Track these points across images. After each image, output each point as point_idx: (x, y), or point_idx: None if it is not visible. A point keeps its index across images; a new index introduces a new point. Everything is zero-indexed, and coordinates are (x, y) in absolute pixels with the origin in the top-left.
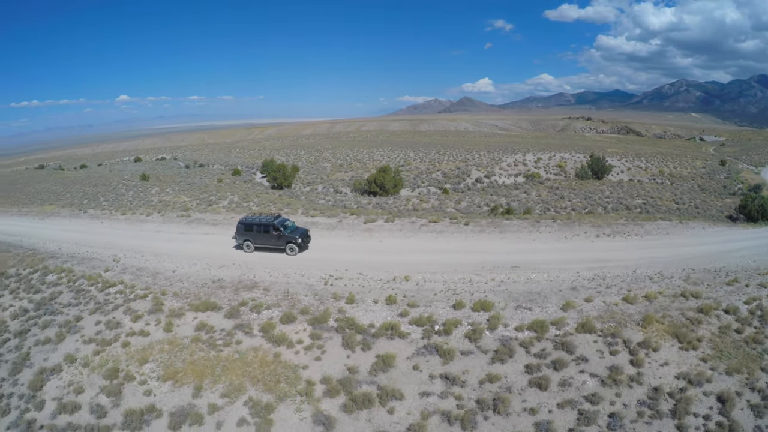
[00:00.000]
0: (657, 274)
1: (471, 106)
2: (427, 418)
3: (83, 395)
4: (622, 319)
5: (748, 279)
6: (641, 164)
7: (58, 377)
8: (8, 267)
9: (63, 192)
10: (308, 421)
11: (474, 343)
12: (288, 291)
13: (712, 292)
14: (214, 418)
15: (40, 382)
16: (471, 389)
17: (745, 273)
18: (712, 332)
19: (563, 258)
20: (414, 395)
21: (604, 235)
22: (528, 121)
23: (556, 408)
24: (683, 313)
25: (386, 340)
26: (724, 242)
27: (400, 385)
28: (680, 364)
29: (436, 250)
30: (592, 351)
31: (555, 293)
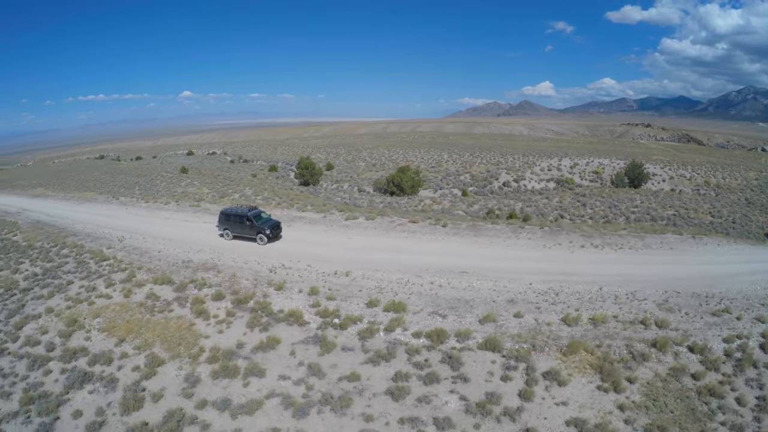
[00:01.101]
0: (628, 294)
1: (530, 109)
2: (269, 398)
3: (45, 335)
4: (544, 342)
5: (744, 310)
6: (686, 173)
7: (36, 322)
8: (36, 241)
9: (107, 181)
10: (181, 377)
11: (361, 341)
12: (235, 274)
13: (686, 323)
14: (119, 362)
15: (22, 324)
16: (326, 383)
17: (745, 302)
18: (656, 373)
19: (524, 267)
20: (274, 376)
21: (591, 246)
22: (585, 127)
23: (395, 422)
24: (630, 344)
25: (285, 325)
26: (738, 263)
27: (269, 365)
28: (584, 407)
29: (396, 249)
30: (481, 372)
31: (485, 303)
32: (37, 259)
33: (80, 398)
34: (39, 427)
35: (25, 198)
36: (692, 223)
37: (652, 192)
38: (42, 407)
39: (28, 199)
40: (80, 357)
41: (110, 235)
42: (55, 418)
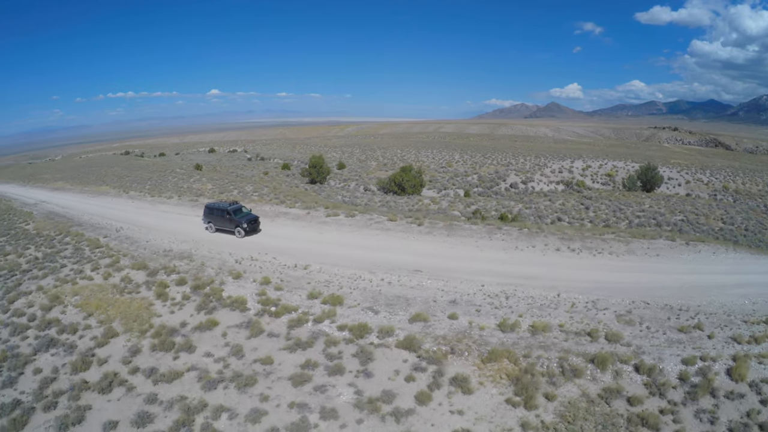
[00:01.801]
0: (588, 302)
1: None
2: (188, 371)
3: (31, 308)
4: (467, 346)
5: (721, 327)
6: (704, 177)
7: (26, 297)
8: (45, 230)
9: (124, 176)
10: (126, 348)
11: (288, 329)
12: (203, 263)
13: (643, 338)
14: (82, 333)
15: (14, 299)
16: (242, 363)
17: (724, 318)
18: (584, 392)
19: (484, 268)
20: (201, 353)
21: (567, 249)
22: (611, 129)
23: (285, 405)
24: (564, 357)
25: (228, 310)
26: (731, 273)
27: (199, 344)
28: (481, 420)
29: (362, 246)
30: (388, 369)
31: (425, 303)
32: (41, 245)
33: (43, 359)
34: (6, 379)
35: (46, 191)
36: (700, 230)
37: (664, 196)
38: (12, 364)
39: (47, 192)
40: (53, 327)
41: (110, 226)
42: (20, 373)
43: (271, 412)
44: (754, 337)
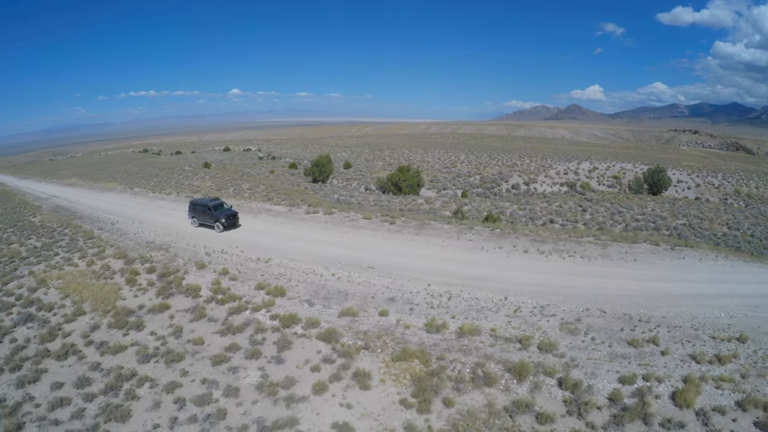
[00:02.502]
0: (535, 307)
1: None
2: (131, 346)
3: (20, 290)
4: (383, 343)
5: (681, 343)
6: (715, 181)
7: (18, 280)
8: (49, 222)
9: (134, 173)
10: (89, 324)
11: (227, 316)
12: (176, 254)
13: (582, 350)
14: (56, 311)
15: (7, 281)
16: (177, 342)
17: (689, 332)
18: (489, 403)
19: (438, 267)
20: (147, 332)
21: (536, 251)
22: (631, 132)
23: (199, 380)
24: (481, 364)
25: (183, 296)
26: (714, 282)
27: (148, 324)
28: (366, 416)
29: (328, 242)
30: (300, 358)
31: (362, 298)
32: (42, 236)
33: (20, 331)
34: None
35: (59, 186)
36: (702, 235)
37: (670, 199)
38: None
39: (60, 187)
40: (34, 305)
41: (107, 219)
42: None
43: (185, 386)
44: (719, 356)
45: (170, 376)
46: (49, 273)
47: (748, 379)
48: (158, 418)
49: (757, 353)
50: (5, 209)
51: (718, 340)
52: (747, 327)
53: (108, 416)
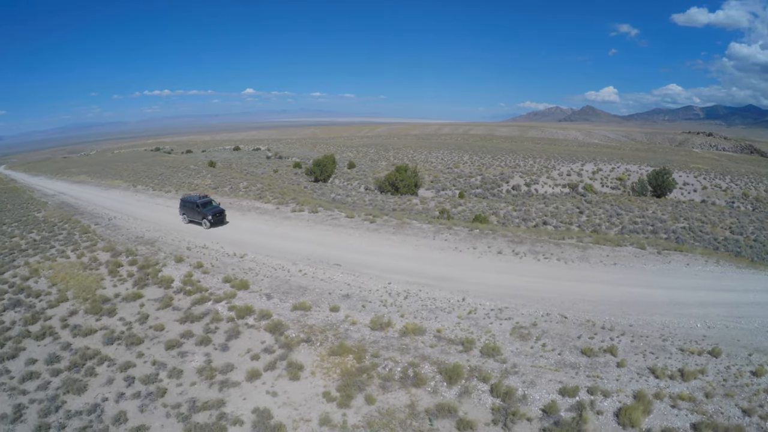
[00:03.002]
0: (492, 310)
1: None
2: (100, 330)
3: (14, 278)
4: (324, 338)
5: (643, 354)
6: (722, 184)
7: (14, 270)
8: (51, 218)
9: (141, 171)
10: (69, 310)
11: (191, 305)
12: (160, 249)
13: (528, 357)
14: (42, 297)
15: (4, 271)
16: (141, 327)
17: (655, 343)
18: (411, 404)
19: (403, 266)
20: (117, 318)
21: (510, 252)
22: (644, 134)
23: (150, 362)
24: (414, 364)
25: (156, 287)
26: (695, 289)
27: (120, 311)
28: (287, 405)
29: (305, 240)
30: (244, 346)
31: (320, 294)
32: (43, 230)
33: (8, 315)
34: None
35: (67, 183)
36: (701, 239)
37: (673, 202)
38: None
39: (68, 185)
40: (24, 292)
41: (106, 215)
42: None
43: (137, 366)
44: (683, 371)
45: (127, 357)
46: (42, 264)
47: (712, 399)
48: (108, 392)
49: (729, 369)
50: (13, 205)
51: (687, 353)
52: (724, 339)
53: (67, 389)
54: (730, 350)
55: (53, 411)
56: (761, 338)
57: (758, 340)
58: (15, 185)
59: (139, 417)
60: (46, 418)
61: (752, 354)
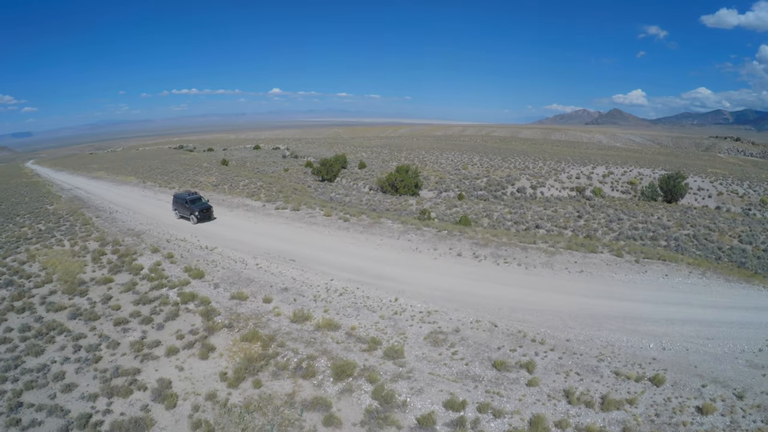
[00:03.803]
0: (420, 312)
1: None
2: (68, 308)
3: (12, 262)
4: (245, 325)
5: (565, 374)
6: (740, 190)
7: (15, 255)
8: (60, 210)
9: (156, 168)
10: (51, 290)
11: (149, 290)
12: (143, 240)
13: (430, 364)
14: (32, 279)
15: (6, 255)
16: (102, 306)
17: (588, 363)
18: (291, 393)
19: (354, 264)
20: (86, 298)
21: (471, 255)
22: (671, 138)
23: (98, 335)
24: (313, 357)
25: (127, 273)
26: (664, 304)
27: (89, 292)
28: (188, 379)
29: (272, 235)
30: (176, 328)
31: (263, 286)
32: (50, 221)
33: None
34: None
35: (85, 179)
36: (704, 247)
37: (683, 208)
38: None
39: (86, 180)
40: (18, 274)
41: (109, 209)
42: None
43: (87, 337)
44: (606, 398)
45: (82, 330)
46: (39, 251)
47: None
48: (58, 356)
49: (668, 402)
50: (30, 198)
51: (623, 377)
52: (678, 365)
53: (28, 352)
54: (679, 378)
55: (12, 368)
56: (726, 366)
57: (721, 369)
58: (38, 180)
59: (74, 377)
60: (5, 372)
61: (706, 385)
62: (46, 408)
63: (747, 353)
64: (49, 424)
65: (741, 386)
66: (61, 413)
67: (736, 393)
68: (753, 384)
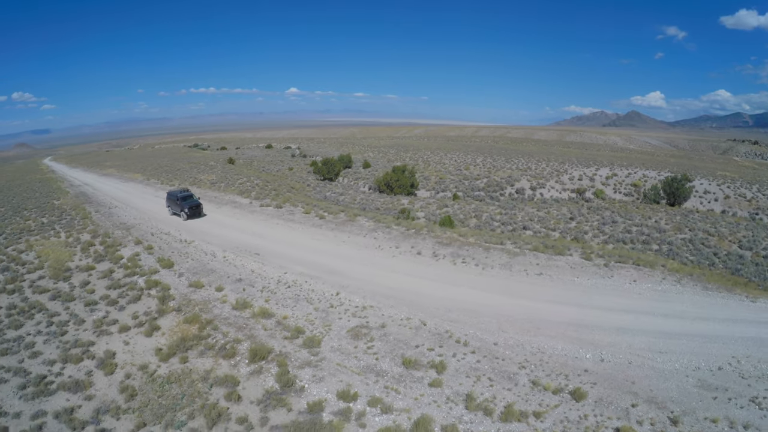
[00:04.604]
0: (356, 307)
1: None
2: (52, 291)
3: (12, 251)
4: (191, 309)
5: (477, 378)
6: (748, 193)
7: (16, 245)
8: (65, 205)
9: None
10: (41, 274)
11: (123, 277)
12: (131, 233)
13: (340, 355)
14: (26, 265)
15: (8, 245)
16: (79, 290)
17: (507, 370)
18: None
19: (312, 259)
20: (68, 282)
21: (430, 254)
22: (687, 141)
23: (69, 313)
24: (239, 341)
25: (108, 262)
26: (623, 311)
27: (73, 278)
28: (129, 353)
29: (249, 231)
30: (135, 309)
31: (221, 277)
32: (53, 215)
33: None
34: None
35: (95, 175)
36: (699, 253)
37: (685, 211)
38: None
39: (96, 177)
40: (15, 262)
41: (109, 204)
42: None
43: (60, 315)
44: (509, 408)
45: (58, 309)
46: (38, 241)
47: None
48: (32, 329)
49: (583, 420)
50: (40, 193)
51: (539, 388)
52: (613, 379)
53: (9, 326)
54: (607, 395)
55: None
56: (670, 385)
57: (663, 387)
58: (52, 176)
59: (41, 346)
60: None
61: (637, 405)
62: (12, 369)
63: (702, 371)
64: (12, 382)
65: (681, 410)
66: (24, 374)
67: (672, 417)
68: (696, 408)
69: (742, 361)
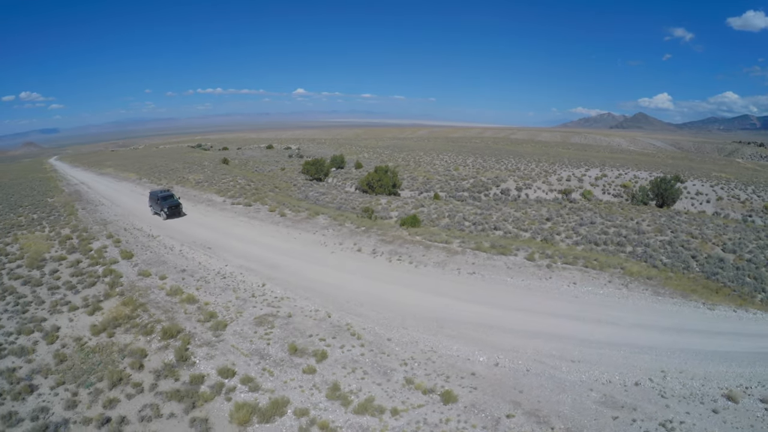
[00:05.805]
0: (274, 298)
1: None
2: (25, 277)
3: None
4: (131, 294)
5: (352, 370)
6: (742, 195)
7: (5, 238)
8: (57, 203)
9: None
10: (19, 263)
11: (87, 267)
12: (107, 228)
13: (238, 339)
14: (9, 256)
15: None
16: (49, 277)
17: (388, 366)
18: (127, 344)
19: (257, 253)
20: (41, 270)
21: (369, 251)
22: (693, 143)
23: (35, 296)
24: (159, 322)
25: (79, 253)
26: (548, 315)
27: (47, 267)
28: (72, 327)
29: (211, 227)
30: (86, 294)
31: (169, 267)
32: (44, 212)
33: None
34: None
35: (93, 174)
36: (676, 256)
37: (672, 213)
38: None
39: (93, 175)
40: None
41: (97, 202)
42: None
43: (26, 297)
44: (370, 401)
45: (26, 292)
46: (24, 235)
47: None
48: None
49: (442, 424)
50: (38, 191)
51: (411, 386)
52: (500, 385)
53: None
54: (482, 401)
55: None
56: (565, 398)
57: (555, 400)
58: (52, 175)
59: (5, 321)
60: None
61: (513, 416)
62: None
63: (613, 386)
64: None
65: (565, 427)
66: None
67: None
68: (585, 427)
69: (669, 377)
